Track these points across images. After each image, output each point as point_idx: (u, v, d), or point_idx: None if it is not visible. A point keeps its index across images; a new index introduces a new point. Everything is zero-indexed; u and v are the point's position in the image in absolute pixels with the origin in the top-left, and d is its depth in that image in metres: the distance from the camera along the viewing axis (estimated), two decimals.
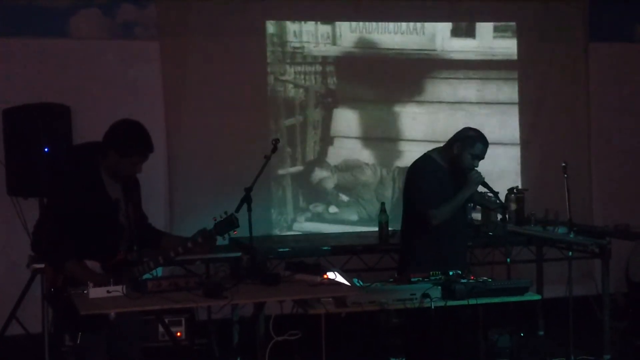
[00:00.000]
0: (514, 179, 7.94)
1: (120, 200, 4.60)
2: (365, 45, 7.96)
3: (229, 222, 4.56)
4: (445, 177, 5.61)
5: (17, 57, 7.10)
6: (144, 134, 4.55)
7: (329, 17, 7.83)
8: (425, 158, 5.74)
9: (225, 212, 4.59)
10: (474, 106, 8.11)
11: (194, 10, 7.42)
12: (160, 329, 6.54)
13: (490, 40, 8.19)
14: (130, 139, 4.50)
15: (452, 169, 5.62)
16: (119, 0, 7.33)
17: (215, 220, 4.57)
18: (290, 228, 7.71)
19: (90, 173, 4.53)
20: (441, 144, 5.77)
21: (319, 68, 7.85)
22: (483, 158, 5.65)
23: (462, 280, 5.07)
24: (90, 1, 7.26)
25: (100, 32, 7.30)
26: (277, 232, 7.62)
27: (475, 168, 5.58)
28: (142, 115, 4.80)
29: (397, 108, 8.00)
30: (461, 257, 5.68)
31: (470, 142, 5.56)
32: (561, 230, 6.39)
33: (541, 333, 7.31)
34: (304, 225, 7.74)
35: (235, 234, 4.65)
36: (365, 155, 7.93)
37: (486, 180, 5.61)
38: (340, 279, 4.92)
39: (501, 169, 8.06)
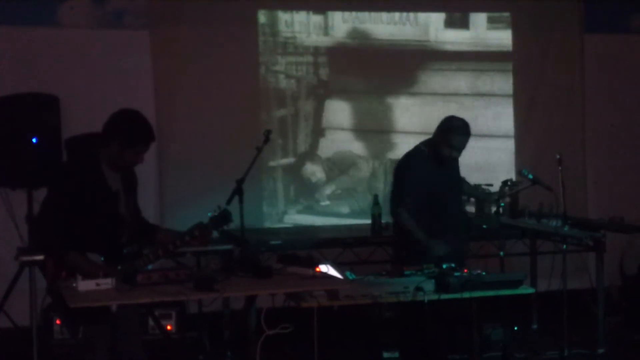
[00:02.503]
0: (508, 171, 7.91)
1: (120, 192, 4.60)
2: (357, 35, 7.90)
3: (223, 217, 4.59)
4: (431, 167, 5.59)
5: (5, 46, 7.03)
6: (147, 123, 4.57)
7: (321, 7, 7.77)
8: (414, 150, 5.77)
9: (219, 207, 4.61)
10: (467, 98, 8.06)
11: None
12: (151, 322, 6.51)
13: (484, 32, 8.14)
14: (135, 129, 4.51)
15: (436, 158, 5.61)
16: None
17: (210, 215, 4.58)
18: (281, 220, 7.66)
19: (90, 164, 4.52)
20: None
21: (310, 59, 7.79)
22: (463, 148, 5.62)
23: (456, 274, 5.03)
24: None
25: (89, 21, 7.24)
26: (268, 224, 7.57)
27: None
28: (132, 105, 4.75)
29: (390, 99, 7.95)
30: (457, 249, 5.63)
31: (447, 133, 5.55)
32: (555, 223, 6.34)
33: (535, 327, 7.30)
34: (295, 218, 7.69)
35: (227, 227, 4.64)
36: (357, 147, 7.88)
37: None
38: (332, 272, 4.88)
39: (495, 161, 8.04)
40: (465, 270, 5.17)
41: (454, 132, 5.55)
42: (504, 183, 6.85)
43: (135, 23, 7.29)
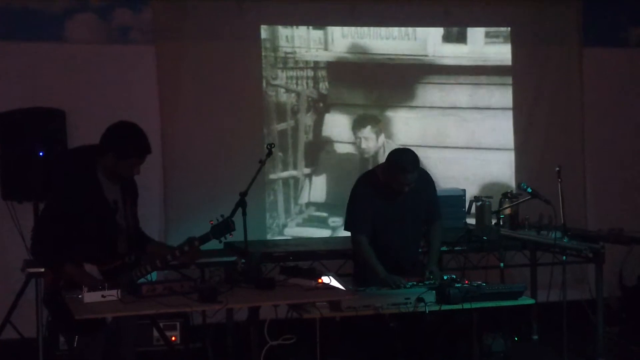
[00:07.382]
0: (508, 184, 7.97)
1: (119, 202, 4.62)
2: (357, 50, 7.97)
3: (226, 226, 4.62)
4: (381, 196, 5.55)
5: (12, 61, 7.08)
6: (141, 136, 4.58)
7: (322, 22, 7.83)
8: (366, 175, 5.72)
9: (222, 216, 4.65)
10: (466, 111, 8.12)
11: (189, 14, 7.42)
12: (155, 333, 6.54)
13: (482, 46, 8.19)
14: (128, 142, 4.53)
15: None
16: (115, 4, 7.33)
17: (212, 223, 4.62)
18: (282, 233, 7.70)
19: (87, 175, 4.54)
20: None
21: (310, 73, 7.85)
22: (411, 183, 5.45)
23: (457, 285, 5.08)
24: (86, 5, 7.26)
25: (95, 37, 7.30)
26: (270, 236, 7.62)
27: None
28: (138, 119, 4.80)
29: (389, 113, 8.00)
30: (407, 263, 5.65)
31: (396, 170, 5.44)
32: (555, 234, 6.39)
33: (535, 337, 7.32)
34: (296, 230, 7.73)
35: (231, 237, 4.67)
36: (356, 159, 7.92)
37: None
38: (335, 283, 4.92)
39: (495, 173, 8.08)
40: (467, 282, 5.22)
41: (403, 171, 5.40)
42: (504, 195, 6.92)
43: (141, 38, 7.36)
